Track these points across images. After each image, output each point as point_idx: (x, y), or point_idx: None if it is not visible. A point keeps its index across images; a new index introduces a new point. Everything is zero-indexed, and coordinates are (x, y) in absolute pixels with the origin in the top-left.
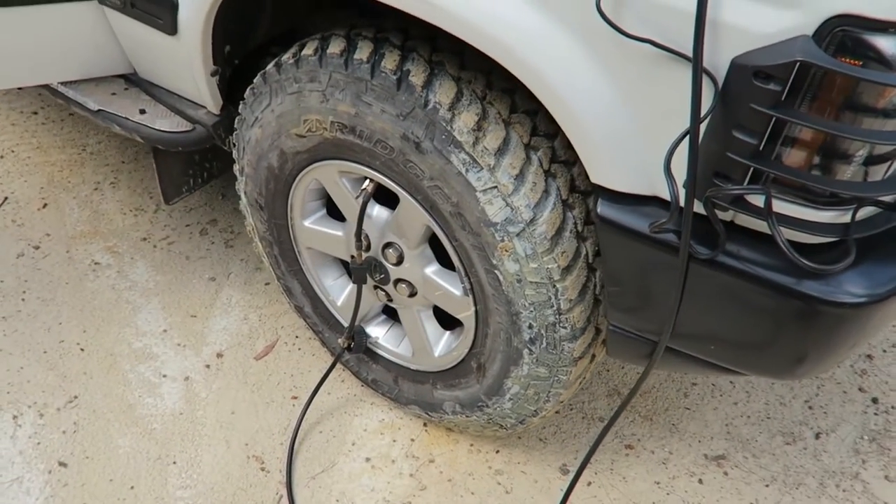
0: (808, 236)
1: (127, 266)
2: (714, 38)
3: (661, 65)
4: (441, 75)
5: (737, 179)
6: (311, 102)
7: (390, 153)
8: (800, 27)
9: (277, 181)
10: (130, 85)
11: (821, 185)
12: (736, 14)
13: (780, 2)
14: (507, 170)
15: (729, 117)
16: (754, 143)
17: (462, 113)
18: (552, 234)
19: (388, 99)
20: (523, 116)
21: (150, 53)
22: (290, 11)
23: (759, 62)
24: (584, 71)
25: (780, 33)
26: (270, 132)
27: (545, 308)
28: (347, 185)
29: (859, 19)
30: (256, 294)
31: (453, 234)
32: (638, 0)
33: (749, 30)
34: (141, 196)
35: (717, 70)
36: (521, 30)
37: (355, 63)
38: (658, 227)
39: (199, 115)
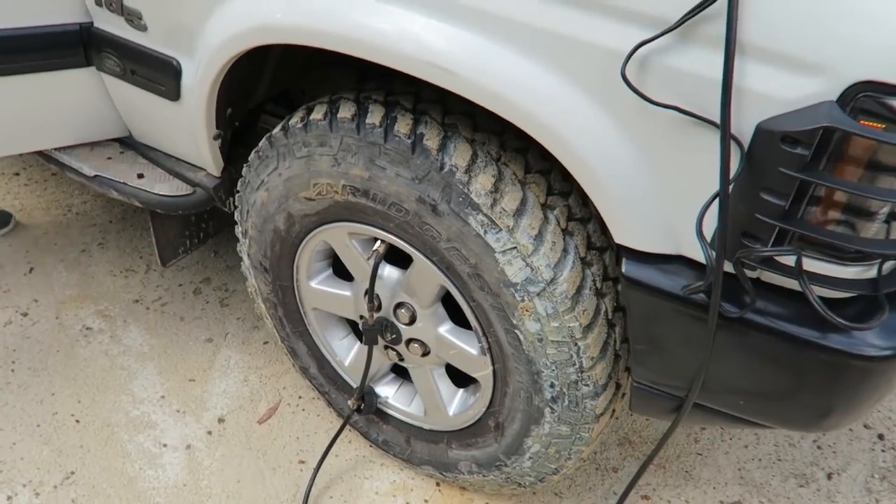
0: (836, 292)
1: (120, 330)
2: (739, 104)
3: (685, 129)
4: (455, 138)
5: (764, 239)
6: (322, 166)
7: (405, 216)
8: (824, 93)
9: (284, 243)
10: (126, 148)
11: (847, 244)
12: (761, 81)
13: (805, 69)
14: (527, 230)
15: (757, 180)
16: (782, 204)
17: (479, 175)
18: (573, 293)
19: (403, 163)
20: (538, 176)
21: (150, 118)
22: (290, 71)
23: (786, 128)
24: (609, 136)
25: (804, 99)
26: (277, 195)
27: (567, 366)
28: (358, 247)
29: (882, 85)
30: (255, 354)
31: (471, 294)
32: (661, 66)
33: (774, 96)
34: (131, 256)
35: (741, 134)
36: (546, 97)
37: (367, 127)
38: (692, 290)
39: (199, 177)
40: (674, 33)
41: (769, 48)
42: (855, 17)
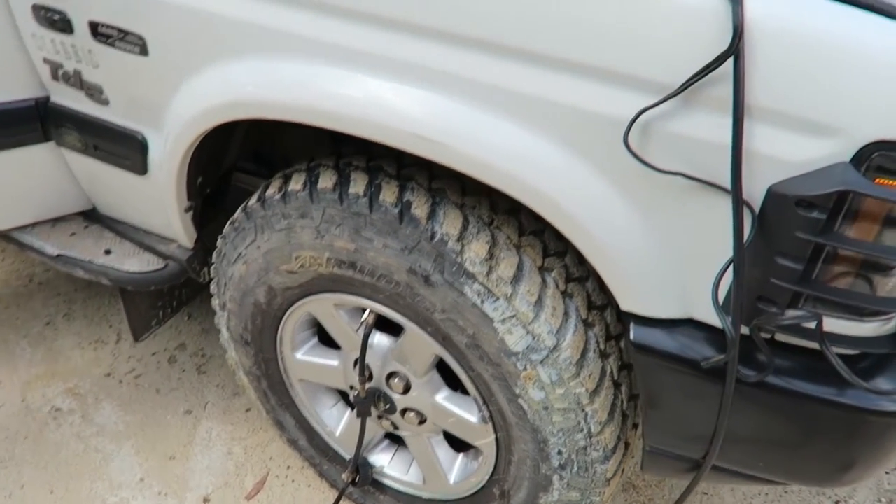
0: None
1: (92, 409)
2: (749, 168)
3: (692, 194)
4: (444, 204)
5: (780, 302)
6: (304, 239)
7: (396, 287)
8: (837, 154)
9: (265, 316)
10: (90, 222)
11: (866, 304)
12: (771, 144)
13: (817, 131)
14: (525, 297)
15: (771, 245)
16: (799, 268)
17: (472, 242)
18: (577, 358)
19: (391, 233)
20: (532, 238)
21: (115, 192)
22: (263, 134)
23: (801, 191)
24: (615, 206)
25: (817, 160)
26: (257, 269)
27: (575, 433)
28: (345, 317)
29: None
30: (238, 423)
31: (469, 364)
32: (665, 132)
33: (785, 158)
34: (99, 326)
35: (752, 198)
36: (546, 168)
37: (351, 197)
38: (712, 364)
39: (170, 250)
40: (677, 98)
41: (778, 110)
42: (864, 76)
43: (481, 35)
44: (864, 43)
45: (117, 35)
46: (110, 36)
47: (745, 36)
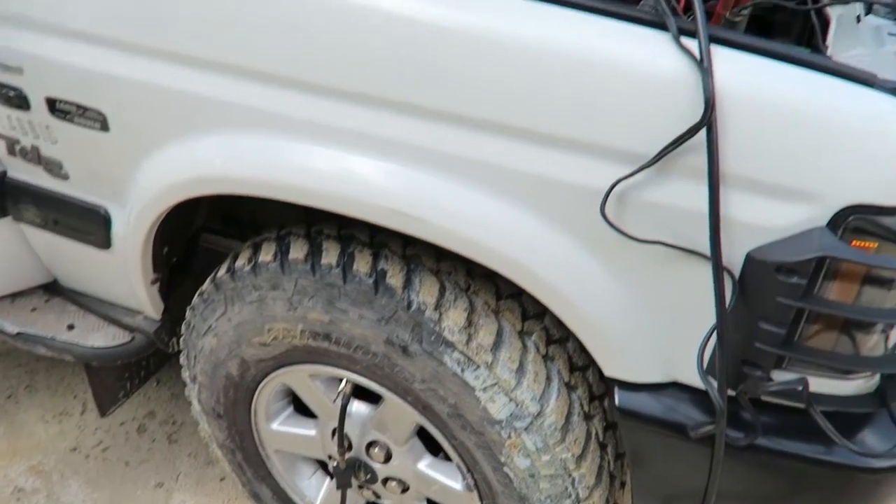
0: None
1: (57, 487)
2: (727, 235)
3: (672, 262)
4: (420, 271)
5: (765, 365)
6: (276, 311)
7: (373, 358)
8: (814, 219)
9: (238, 389)
10: (52, 295)
11: (848, 365)
12: (747, 211)
13: (793, 197)
14: (506, 364)
15: (753, 310)
16: (782, 332)
17: (449, 310)
18: (562, 423)
19: (366, 304)
20: (510, 301)
21: (77, 266)
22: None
23: (780, 258)
24: (596, 276)
25: (794, 226)
26: (228, 341)
27: (563, 499)
28: (321, 387)
29: (871, 207)
30: (212, 494)
31: (452, 433)
32: (642, 201)
33: (762, 225)
34: (63, 397)
35: (731, 264)
36: (525, 240)
37: (324, 268)
38: (701, 434)
39: (137, 322)
40: (652, 168)
41: (753, 178)
42: (836, 142)
43: (457, 109)
44: (835, 109)
45: (76, 111)
46: (69, 112)
47: (716, 107)
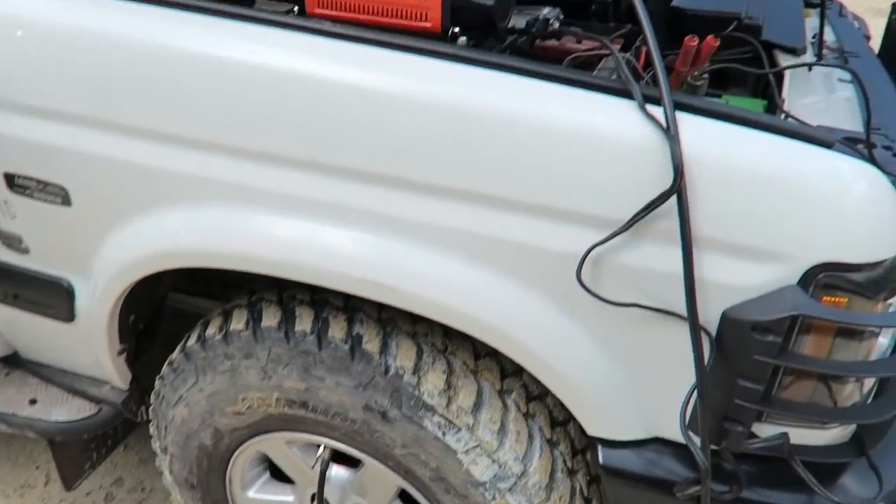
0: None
1: None
2: (702, 295)
3: (649, 323)
4: (396, 335)
5: (746, 420)
6: (250, 379)
7: (352, 425)
8: (785, 278)
9: (212, 458)
10: (11, 368)
11: (826, 417)
12: (721, 272)
13: (764, 257)
14: (488, 425)
15: (731, 368)
16: (760, 388)
17: (428, 373)
18: (546, 482)
19: (343, 370)
20: (489, 360)
21: (39, 338)
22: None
23: (755, 317)
24: (575, 339)
25: (766, 284)
26: (200, 411)
27: None
28: (298, 453)
29: (839, 265)
30: None
31: (435, 497)
32: (617, 265)
33: (736, 285)
34: (25, 468)
35: (708, 323)
36: (502, 306)
37: (298, 335)
38: (687, 495)
39: (103, 392)
40: (626, 233)
41: (724, 240)
42: (803, 203)
43: (428, 179)
44: (797, 172)
45: (36, 186)
46: (28, 187)
47: (685, 173)
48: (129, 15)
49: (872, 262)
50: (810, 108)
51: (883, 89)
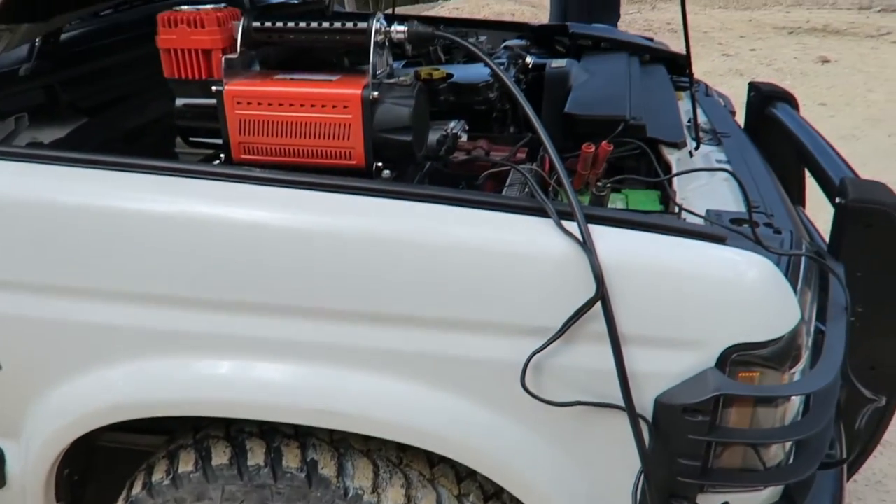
0: None
1: None
2: (635, 385)
3: (592, 417)
4: (351, 455)
5: (691, 496)
6: None
7: None
8: (703, 362)
9: None
10: None
11: (759, 481)
12: (648, 363)
13: (683, 346)
14: None
15: (670, 448)
16: (698, 464)
17: (387, 490)
18: None
19: (301, 499)
20: (443, 466)
21: None
22: None
23: (684, 400)
24: (523, 440)
25: (689, 369)
26: None
27: None
28: None
29: (746, 345)
30: None
31: None
32: (556, 368)
33: (663, 373)
34: None
35: (644, 410)
36: (453, 419)
37: (251, 469)
38: None
39: None
40: (561, 339)
41: (647, 335)
42: (704, 296)
43: (370, 308)
44: (700, 267)
45: None
46: None
47: (605, 280)
48: (41, 177)
49: (774, 338)
50: (698, 192)
51: (753, 163)
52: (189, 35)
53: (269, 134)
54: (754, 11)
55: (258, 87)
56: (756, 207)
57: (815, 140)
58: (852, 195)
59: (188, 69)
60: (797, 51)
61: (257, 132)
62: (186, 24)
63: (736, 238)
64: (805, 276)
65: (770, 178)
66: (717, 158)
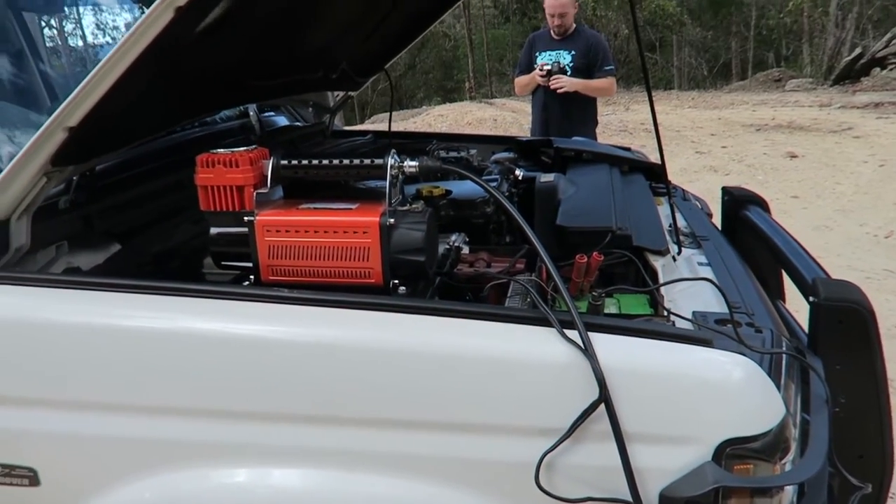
0: None
1: None
2: (640, 480)
3: None
4: None
5: None
6: None
7: None
8: (701, 456)
9: None
10: None
11: None
12: (651, 459)
13: (681, 442)
14: None
15: None
16: None
17: None
18: None
19: None
20: None
21: None
22: None
23: (686, 493)
24: None
25: (689, 464)
26: None
27: None
28: None
29: (738, 439)
30: None
31: None
32: (566, 467)
33: (666, 468)
34: None
35: (649, 503)
36: None
37: None
38: None
39: None
40: (570, 439)
41: (648, 433)
42: (695, 396)
43: (397, 415)
44: (690, 369)
45: (2, 471)
46: None
47: (607, 383)
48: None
49: (763, 432)
50: (684, 294)
51: (732, 264)
52: (225, 174)
53: (296, 257)
54: (722, 110)
55: (286, 216)
56: (737, 308)
57: (787, 242)
58: (824, 294)
59: (223, 202)
60: (766, 147)
61: (284, 256)
62: (223, 164)
63: (721, 339)
64: (787, 371)
65: (749, 277)
66: (698, 261)
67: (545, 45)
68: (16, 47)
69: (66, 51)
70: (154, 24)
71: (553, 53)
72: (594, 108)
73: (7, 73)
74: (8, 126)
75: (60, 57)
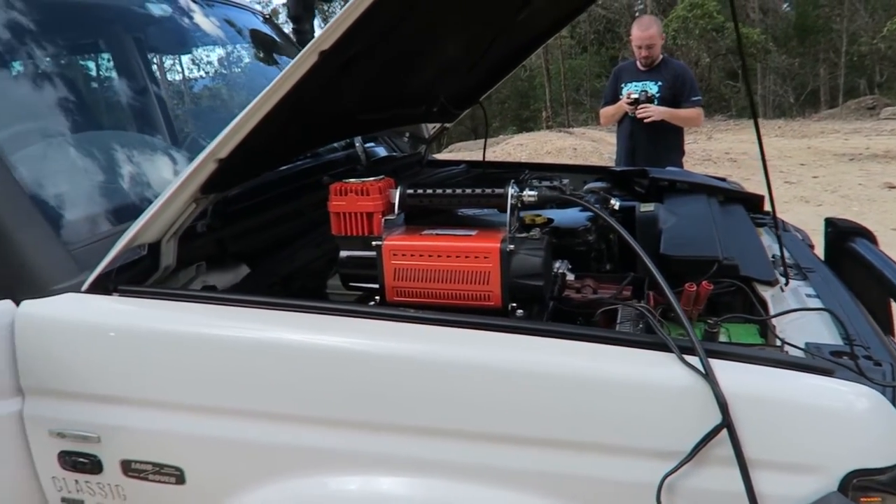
0: None
1: None
2: None
3: None
4: None
5: None
6: None
7: None
8: (827, 486)
9: None
10: None
11: None
12: (774, 486)
13: (806, 471)
14: None
15: None
16: None
17: None
18: None
19: None
20: None
21: None
22: None
23: None
24: None
25: (813, 493)
26: None
27: None
28: None
29: (865, 471)
30: None
31: None
32: (687, 490)
33: (789, 495)
34: None
35: None
36: None
37: None
38: None
39: None
40: (691, 462)
41: (771, 460)
42: (821, 425)
43: (522, 432)
44: (813, 398)
45: (151, 469)
46: (143, 471)
47: (730, 408)
48: (235, 319)
49: (891, 465)
50: (794, 326)
51: (841, 297)
52: (356, 201)
53: (420, 280)
54: (812, 139)
55: (411, 241)
56: (853, 341)
57: None
58: None
59: (353, 228)
60: (861, 177)
61: (409, 279)
62: (355, 192)
63: (840, 370)
64: None
65: (860, 310)
66: (805, 293)
67: (631, 76)
68: (142, 84)
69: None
70: (300, 66)
71: (640, 84)
72: (681, 138)
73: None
74: (144, 155)
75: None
